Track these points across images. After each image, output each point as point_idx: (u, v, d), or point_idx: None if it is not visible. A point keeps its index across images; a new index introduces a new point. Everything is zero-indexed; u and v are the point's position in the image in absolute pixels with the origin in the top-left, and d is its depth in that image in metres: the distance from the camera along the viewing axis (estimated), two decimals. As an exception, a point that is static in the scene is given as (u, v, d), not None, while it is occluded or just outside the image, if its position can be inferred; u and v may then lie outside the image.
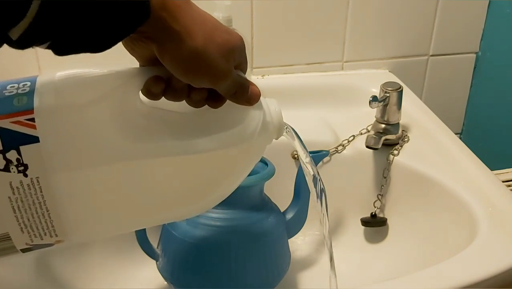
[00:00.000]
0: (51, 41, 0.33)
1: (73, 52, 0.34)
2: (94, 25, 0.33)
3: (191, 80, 0.39)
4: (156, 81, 0.39)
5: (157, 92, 0.39)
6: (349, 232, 0.75)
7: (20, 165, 0.35)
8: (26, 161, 0.35)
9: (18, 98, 0.35)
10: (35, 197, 0.36)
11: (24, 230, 0.37)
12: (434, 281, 0.52)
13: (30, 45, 0.33)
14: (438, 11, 0.88)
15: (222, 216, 0.59)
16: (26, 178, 0.35)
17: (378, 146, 0.70)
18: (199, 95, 0.40)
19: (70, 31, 0.33)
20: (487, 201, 0.62)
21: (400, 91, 0.73)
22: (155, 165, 0.39)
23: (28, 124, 0.35)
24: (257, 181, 0.60)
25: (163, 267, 0.61)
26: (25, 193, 0.36)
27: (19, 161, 0.35)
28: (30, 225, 0.37)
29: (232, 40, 0.40)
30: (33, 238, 0.38)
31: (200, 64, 0.38)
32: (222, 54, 0.38)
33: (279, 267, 0.63)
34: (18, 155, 0.35)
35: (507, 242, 0.56)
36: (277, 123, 0.44)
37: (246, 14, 0.81)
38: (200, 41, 0.37)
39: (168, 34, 0.36)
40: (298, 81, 0.85)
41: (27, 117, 0.35)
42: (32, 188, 0.36)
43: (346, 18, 0.85)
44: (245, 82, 0.41)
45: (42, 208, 0.37)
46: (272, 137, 0.45)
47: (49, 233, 0.38)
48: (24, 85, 0.36)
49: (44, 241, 0.39)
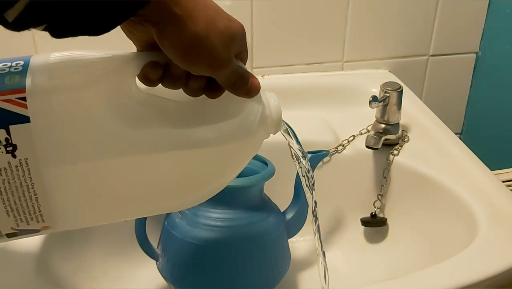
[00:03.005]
0: (47, 23, 0.32)
1: (70, 35, 0.33)
2: (93, 7, 0.32)
3: (190, 66, 0.37)
4: (153, 66, 0.38)
5: (154, 78, 0.38)
6: (349, 232, 0.75)
7: (8, 145, 0.34)
8: (15, 141, 0.34)
9: (10, 76, 0.34)
10: (23, 179, 0.35)
11: (10, 214, 0.36)
12: (434, 281, 0.52)
13: (26, 28, 0.32)
14: (438, 11, 0.88)
15: (222, 216, 0.59)
16: (14, 159, 0.34)
17: (378, 146, 0.70)
18: (197, 84, 0.39)
19: (67, 13, 0.32)
20: (487, 201, 0.61)
21: (400, 91, 0.73)
22: (149, 154, 0.38)
23: (19, 103, 0.33)
24: (257, 181, 0.60)
25: (163, 267, 0.61)
26: (12, 175, 0.35)
27: (8, 140, 0.34)
28: (17, 209, 0.36)
29: (234, 27, 0.39)
30: (19, 222, 0.37)
31: (200, 50, 0.36)
32: (223, 40, 0.37)
33: (279, 267, 0.63)
34: (7, 134, 0.34)
35: (507, 242, 0.56)
36: (276, 117, 0.43)
37: (246, 14, 0.81)
38: (201, 26, 0.36)
39: (169, 17, 0.35)
40: (298, 81, 0.85)
41: (18, 96, 0.34)
42: (20, 169, 0.35)
43: (346, 18, 0.85)
44: (245, 73, 0.40)
45: (30, 191, 0.35)
46: (270, 132, 0.44)
47: (36, 218, 0.37)
48: (17, 64, 0.35)
49: (31, 226, 0.37)
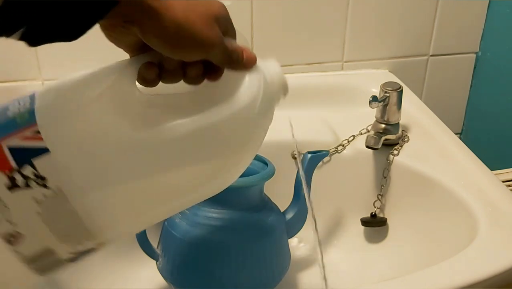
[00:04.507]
0: (23, 29, 0.32)
1: (46, 41, 0.34)
2: (63, 11, 0.32)
3: (181, 54, 0.38)
4: (148, 67, 0.38)
5: (152, 78, 0.39)
6: (349, 232, 0.75)
7: (38, 178, 0.35)
8: (42, 173, 0.35)
9: (20, 115, 0.36)
10: (63, 207, 0.36)
11: (63, 240, 0.37)
12: (434, 281, 0.52)
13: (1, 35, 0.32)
14: (438, 11, 0.88)
15: (222, 216, 0.59)
16: (48, 190, 0.35)
17: (378, 146, 0.70)
18: (195, 71, 0.40)
19: (42, 16, 0.32)
20: (487, 201, 0.61)
21: (400, 91, 0.73)
22: (170, 145, 0.38)
23: (34, 137, 0.35)
24: (257, 181, 0.60)
25: (163, 267, 0.61)
26: (52, 204, 0.36)
27: (36, 174, 0.35)
28: (67, 234, 0.37)
29: (213, 7, 0.39)
30: (74, 246, 0.38)
31: (185, 36, 0.37)
32: (205, 22, 0.37)
33: (279, 267, 0.63)
34: (33, 168, 0.35)
35: (507, 242, 0.56)
36: (278, 80, 0.43)
37: (246, 14, 0.81)
38: (179, 13, 0.36)
39: (146, 12, 0.35)
40: (298, 81, 0.85)
41: (32, 131, 0.35)
42: (57, 197, 0.35)
43: (346, 18, 0.85)
44: (237, 48, 0.41)
45: (74, 216, 0.36)
46: (278, 97, 0.44)
47: (87, 238, 0.38)
48: (24, 102, 0.37)
49: (86, 246, 0.39)
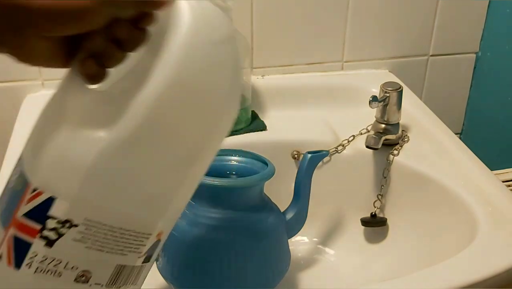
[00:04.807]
0: None
1: None
2: None
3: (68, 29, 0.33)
4: (83, 62, 0.36)
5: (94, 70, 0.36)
6: (349, 232, 0.75)
7: (64, 223, 0.36)
8: (64, 217, 0.36)
9: (16, 183, 0.38)
10: (101, 229, 0.37)
11: (125, 253, 0.39)
12: (434, 281, 0.52)
13: None
14: (438, 11, 0.88)
15: (222, 216, 0.59)
16: (79, 227, 0.36)
17: (378, 146, 0.70)
18: (123, 32, 0.35)
19: None
20: (487, 201, 0.62)
21: (400, 91, 0.73)
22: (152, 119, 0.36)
23: (36, 194, 0.36)
24: (257, 181, 0.60)
25: (163, 267, 0.61)
26: (91, 234, 0.37)
27: (59, 222, 0.36)
28: (125, 247, 0.39)
29: None
30: (137, 250, 0.40)
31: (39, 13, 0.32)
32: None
33: (279, 267, 0.63)
34: (54, 219, 0.36)
35: (507, 242, 0.56)
36: None
37: (246, 14, 0.81)
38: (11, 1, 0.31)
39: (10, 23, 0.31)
40: (298, 81, 0.85)
41: (31, 190, 0.36)
42: (92, 227, 0.37)
43: (346, 18, 0.85)
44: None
45: (115, 230, 0.38)
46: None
47: (142, 238, 0.39)
48: (17, 168, 0.39)
49: (148, 244, 0.40)
